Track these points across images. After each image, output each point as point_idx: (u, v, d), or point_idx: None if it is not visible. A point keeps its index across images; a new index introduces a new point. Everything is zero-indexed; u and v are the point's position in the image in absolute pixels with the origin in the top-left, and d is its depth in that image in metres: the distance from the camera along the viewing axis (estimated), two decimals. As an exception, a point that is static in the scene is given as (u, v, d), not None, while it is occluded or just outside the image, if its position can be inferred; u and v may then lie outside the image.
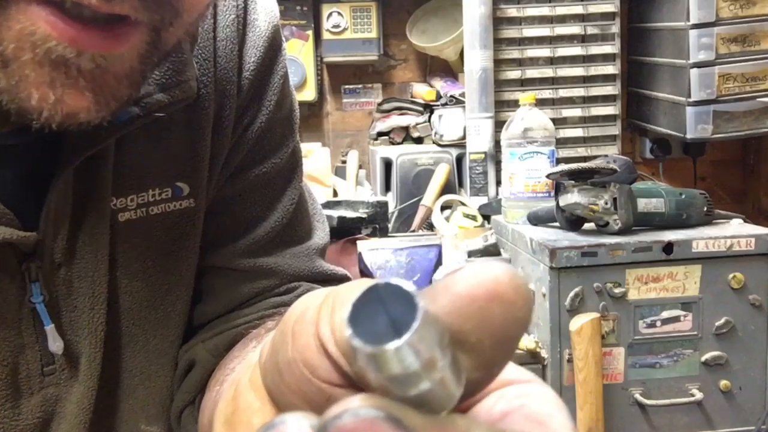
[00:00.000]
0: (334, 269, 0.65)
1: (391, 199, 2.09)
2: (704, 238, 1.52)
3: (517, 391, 0.24)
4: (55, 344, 0.51)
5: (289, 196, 0.63)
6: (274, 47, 0.60)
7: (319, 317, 0.22)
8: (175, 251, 0.56)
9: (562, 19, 2.12)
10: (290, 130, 0.63)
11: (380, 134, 2.25)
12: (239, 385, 0.26)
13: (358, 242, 1.61)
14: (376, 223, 1.83)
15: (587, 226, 1.62)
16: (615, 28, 2.13)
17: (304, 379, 0.22)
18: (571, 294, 1.49)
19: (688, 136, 1.98)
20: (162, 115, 0.50)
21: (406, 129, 2.25)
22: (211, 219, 0.59)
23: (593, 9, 2.12)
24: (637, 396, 1.52)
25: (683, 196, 1.63)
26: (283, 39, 0.62)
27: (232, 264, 0.60)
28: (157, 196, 0.54)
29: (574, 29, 2.12)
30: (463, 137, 2.12)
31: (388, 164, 2.14)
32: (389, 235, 1.89)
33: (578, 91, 2.13)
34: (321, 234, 0.65)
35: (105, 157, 0.51)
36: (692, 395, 1.53)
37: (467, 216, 2.00)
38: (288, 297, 0.61)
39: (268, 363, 0.24)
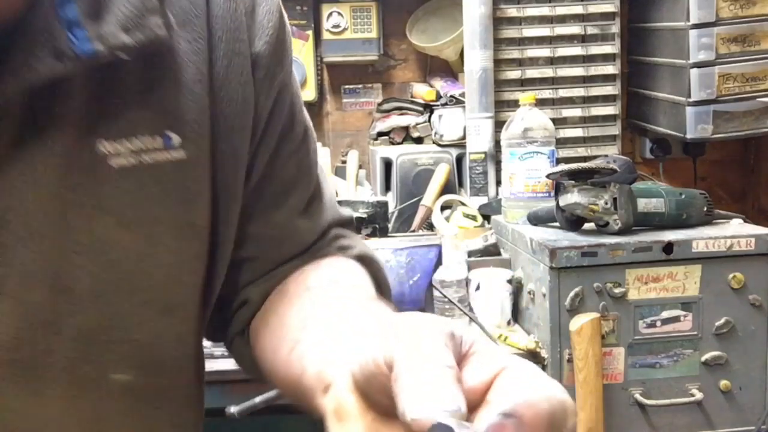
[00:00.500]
0: (350, 214, 0.73)
1: (391, 199, 2.09)
2: (704, 238, 1.52)
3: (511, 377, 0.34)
4: None
5: (314, 153, 0.69)
6: (281, 9, 0.64)
7: (385, 352, 0.35)
8: (169, 203, 0.56)
9: (562, 19, 2.12)
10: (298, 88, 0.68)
11: (380, 134, 2.25)
12: (338, 385, 0.39)
13: (358, 242, 1.61)
14: (376, 223, 1.83)
15: (587, 226, 1.62)
16: (615, 28, 2.13)
17: (385, 385, 0.34)
18: (571, 294, 1.49)
19: (688, 136, 1.98)
20: (127, 58, 0.50)
21: (406, 129, 2.25)
22: (266, 184, 0.64)
23: (593, 9, 2.12)
24: (637, 396, 1.52)
25: (683, 196, 1.63)
26: None
27: (292, 224, 0.65)
28: (149, 144, 0.54)
29: (574, 29, 2.12)
30: (463, 137, 2.12)
31: (388, 164, 2.14)
32: (389, 235, 1.88)
33: (578, 91, 2.13)
34: (331, 183, 0.72)
35: (67, 93, 0.50)
36: (692, 395, 1.53)
37: (467, 216, 2.00)
38: (322, 243, 0.68)
39: (359, 376, 0.36)
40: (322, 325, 0.55)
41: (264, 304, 0.65)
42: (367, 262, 0.69)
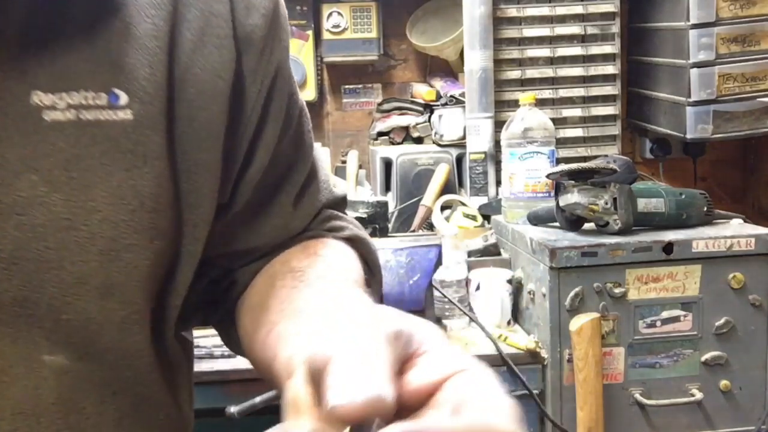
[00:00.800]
0: (343, 192, 0.71)
1: (391, 199, 2.09)
2: (704, 238, 1.52)
3: (460, 383, 0.33)
4: None
5: (309, 133, 0.66)
6: None
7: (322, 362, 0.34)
8: (109, 168, 0.51)
9: (562, 19, 2.12)
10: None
11: (380, 134, 2.25)
12: (297, 375, 0.37)
13: (358, 242, 1.61)
14: (376, 223, 1.83)
15: (587, 226, 1.62)
16: (615, 28, 2.13)
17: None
18: (571, 294, 1.49)
19: (688, 136, 1.98)
20: None
21: (406, 129, 2.25)
22: (266, 173, 0.61)
23: (593, 9, 2.12)
24: (637, 396, 1.52)
25: (683, 196, 1.63)
26: None
27: (287, 212, 0.63)
28: (91, 101, 0.50)
29: (574, 29, 2.12)
30: (463, 137, 2.12)
31: (388, 164, 2.14)
32: (389, 235, 1.88)
33: (578, 91, 2.13)
34: (325, 160, 0.70)
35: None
36: (692, 395, 1.53)
37: (467, 216, 2.00)
38: (313, 224, 0.66)
39: (311, 369, 0.35)
40: (300, 311, 0.54)
41: (250, 284, 0.63)
42: (357, 243, 0.67)
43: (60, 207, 0.49)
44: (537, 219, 1.72)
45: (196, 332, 0.69)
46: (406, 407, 0.33)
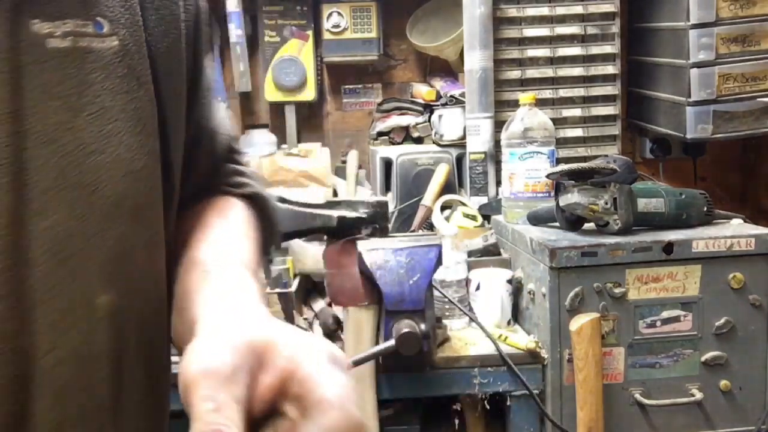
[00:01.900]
0: (233, 132, 0.73)
1: (391, 199, 2.09)
2: (704, 238, 1.52)
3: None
4: None
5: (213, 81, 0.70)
6: None
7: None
8: (114, 92, 0.53)
9: (562, 19, 2.12)
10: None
11: (380, 134, 2.25)
12: None
13: (357, 242, 1.61)
14: (376, 223, 1.82)
15: (587, 226, 1.62)
16: (615, 28, 2.13)
17: None
18: (571, 294, 1.49)
19: (688, 136, 1.98)
20: None
21: (406, 129, 2.25)
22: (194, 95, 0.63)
23: (593, 9, 2.12)
24: (637, 396, 1.52)
25: (683, 196, 1.63)
26: None
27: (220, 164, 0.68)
28: (81, 28, 0.51)
29: (574, 29, 2.12)
30: (463, 137, 2.12)
31: (388, 164, 2.14)
32: (389, 235, 1.88)
33: (578, 91, 2.13)
34: (226, 116, 0.72)
35: None
36: (692, 395, 1.53)
37: (467, 216, 2.00)
38: (220, 177, 0.70)
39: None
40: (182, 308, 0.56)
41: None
42: (257, 200, 0.70)
43: (85, 132, 0.51)
44: (537, 219, 1.72)
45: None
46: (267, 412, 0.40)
